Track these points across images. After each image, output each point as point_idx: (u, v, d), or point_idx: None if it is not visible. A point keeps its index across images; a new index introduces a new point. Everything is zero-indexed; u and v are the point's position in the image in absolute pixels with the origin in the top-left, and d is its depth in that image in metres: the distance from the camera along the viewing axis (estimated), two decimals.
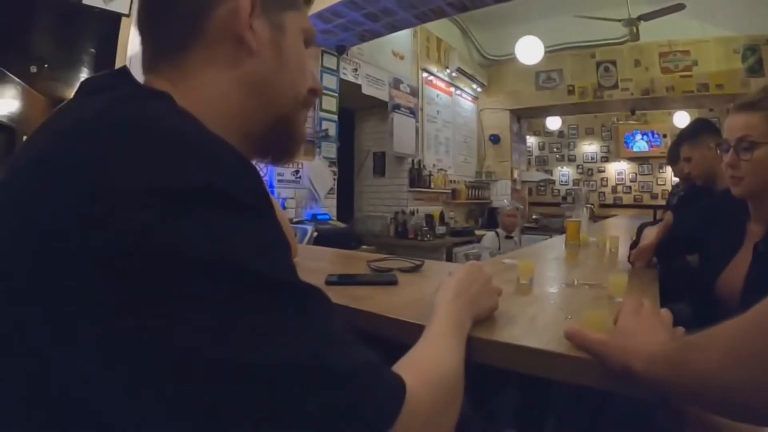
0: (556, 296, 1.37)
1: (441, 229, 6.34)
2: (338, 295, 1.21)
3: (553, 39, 6.63)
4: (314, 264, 1.77)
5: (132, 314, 0.40)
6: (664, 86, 6.98)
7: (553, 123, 9.56)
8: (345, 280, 1.37)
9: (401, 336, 0.91)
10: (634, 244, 1.80)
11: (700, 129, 2.88)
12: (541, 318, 1.08)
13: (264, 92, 0.65)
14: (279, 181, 4.60)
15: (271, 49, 0.65)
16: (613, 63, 7.31)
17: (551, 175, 10.39)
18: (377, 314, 1.05)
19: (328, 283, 1.35)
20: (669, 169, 6.74)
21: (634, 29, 5.90)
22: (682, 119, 8.07)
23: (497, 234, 5.00)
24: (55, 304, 0.41)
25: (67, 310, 0.40)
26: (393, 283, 1.37)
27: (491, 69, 8.25)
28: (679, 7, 5.31)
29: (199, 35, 0.61)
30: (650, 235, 1.70)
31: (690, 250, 1.93)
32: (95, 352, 0.40)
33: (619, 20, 5.89)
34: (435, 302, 0.87)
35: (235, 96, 0.63)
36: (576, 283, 1.51)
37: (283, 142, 0.73)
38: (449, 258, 5.79)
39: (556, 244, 2.83)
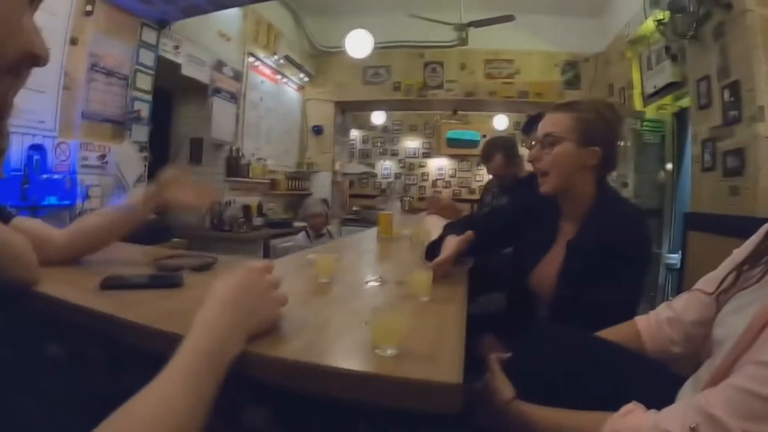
0: (358, 296, 1.30)
1: (258, 221, 6.13)
2: (111, 302, 1.04)
3: (384, 35, 6.70)
4: (96, 262, 1.53)
5: None
6: (487, 90, 7.49)
7: (378, 118, 9.79)
8: (121, 282, 1.20)
9: (169, 351, 0.69)
10: (433, 243, 1.80)
11: None
12: (333, 325, 1.00)
13: None
14: (83, 166, 4.06)
15: None
16: (441, 64, 7.66)
17: (373, 168, 10.62)
18: (142, 324, 0.90)
19: (104, 287, 1.17)
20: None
21: (464, 34, 6.22)
22: (501, 122, 8.99)
23: (307, 234, 4.92)
24: None
25: None
26: (176, 285, 1.23)
27: (320, 59, 8.16)
28: (509, 18, 5.70)
29: None
30: (450, 246, 1.66)
31: (507, 244, 1.96)
32: None
33: (451, 24, 6.14)
34: (195, 316, 0.74)
35: None
36: (383, 280, 1.46)
37: None
38: (266, 251, 5.60)
39: (369, 237, 2.79)
